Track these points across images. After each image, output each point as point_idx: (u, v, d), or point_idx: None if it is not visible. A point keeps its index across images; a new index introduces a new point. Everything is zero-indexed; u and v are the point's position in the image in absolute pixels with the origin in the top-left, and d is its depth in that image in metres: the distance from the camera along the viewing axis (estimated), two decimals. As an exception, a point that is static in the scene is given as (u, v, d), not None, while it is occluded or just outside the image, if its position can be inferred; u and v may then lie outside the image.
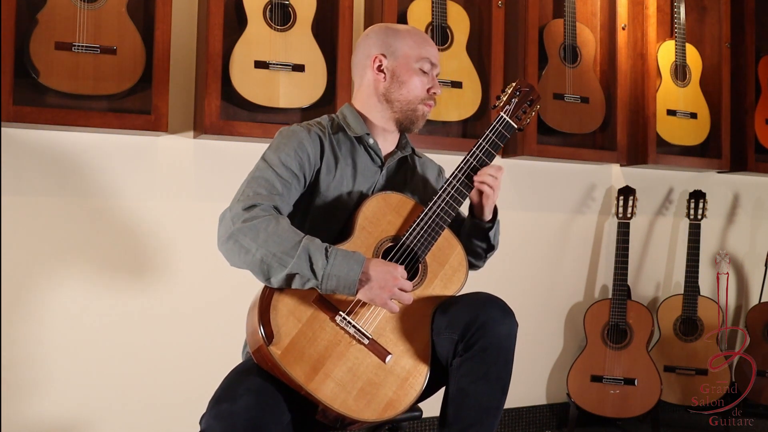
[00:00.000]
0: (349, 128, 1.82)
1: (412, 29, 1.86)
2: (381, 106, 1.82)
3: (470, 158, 1.77)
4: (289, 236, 1.55)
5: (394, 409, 1.59)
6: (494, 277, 3.13)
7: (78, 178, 2.50)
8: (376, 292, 1.57)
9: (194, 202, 2.66)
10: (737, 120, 3.54)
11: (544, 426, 3.29)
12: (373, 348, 1.60)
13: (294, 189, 1.70)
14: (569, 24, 3.17)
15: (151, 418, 2.58)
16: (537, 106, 1.87)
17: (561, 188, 3.34)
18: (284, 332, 1.54)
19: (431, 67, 1.81)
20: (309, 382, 1.52)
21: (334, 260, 1.54)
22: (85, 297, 2.50)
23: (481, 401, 1.59)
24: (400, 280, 1.59)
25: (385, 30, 1.84)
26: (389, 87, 1.80)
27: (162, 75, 2.44)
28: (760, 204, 3.83)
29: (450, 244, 1.76)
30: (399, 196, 1.76)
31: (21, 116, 2.31)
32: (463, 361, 1.60)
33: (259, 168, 1.69)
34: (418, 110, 1.81)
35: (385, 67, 1.80)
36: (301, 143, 1.72)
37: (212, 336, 2.65)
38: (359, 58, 1.86)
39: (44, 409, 2.45)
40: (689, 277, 3.36)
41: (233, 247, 1.56)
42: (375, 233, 1.69)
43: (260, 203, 1.61)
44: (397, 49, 1.80)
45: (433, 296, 1.70)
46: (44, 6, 2.33)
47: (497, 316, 1.60)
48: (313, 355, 1.54)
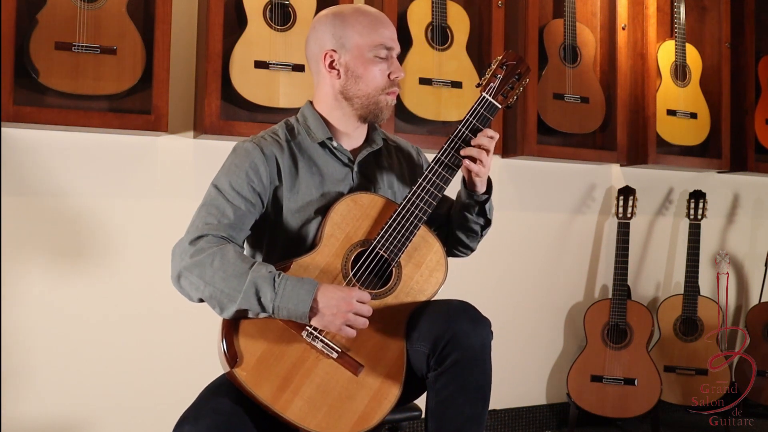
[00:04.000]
0: (310, 133, 1.71)
1: (360, 10, 1.68)
2: (340, 105, 1.69)
3: (447, 147, 1.65)
4: (234, 269, 1.49)
5: (367, 422, 1.51)
6: (494, 277, 3.14)
7: (78, 178, 2.50)
8: (330, 320, 1.49)
9: (194, 202, 2.62)
10: (737, 120, 3.54)
11: (544, 426, 3.29)
12: (343, 361, 1.53)
13: (248, 214, 1.62)
14: (569, 24, 3.17)
15: (149, 418, 2.58)
16: (526, 80, 1.71)
17: (561, 188, 3.34)
18: (249, 353, 1.49)
19: (388, 51, 1.67)
20: (276, 402, 1.47)
21: (283, 291, 1.48)
22: (85, 297, 2.50)
23: (462, 413, 1.52)
24: (355, 305, 1.50)
25: (332, 19, 1.67)
26: (345, 84, 1.66)
27: (162, 75, 2.44)
28: (760, 204, 3.83)
29: (427, 242, 1.65)
30: (369, 195, 1.66)
31: (21, 116, 2.31)
32: (437, 375, 1.52)
33: (210, 195, 1.63)
34: (381, 102, 1.68)
35: (337, 62, 1.66)
36: (254, 164, 1.63)
37: (208, 337, 2.64)
38: (311, 54, 1.72)
39: (44, 409, 2.45)
40: (689, 277, 3.36)
41: (184, 284, 1.53)
42: (344, 239, 1.60)
43: (207, 233, 1.55)
44: (347, 40, 1.65)
45: (406, 302, 1.61)
46: (44, 6, 2.33)
47: (467, 329, 1.51)
48: (280, 374, 1.49)
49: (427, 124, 2.94)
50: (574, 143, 3.28)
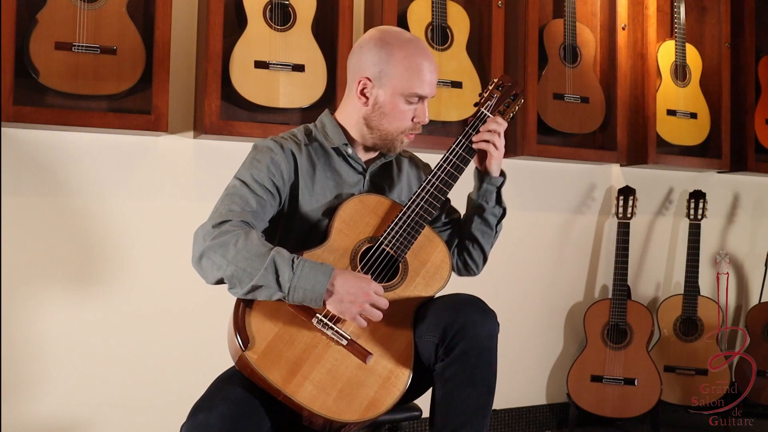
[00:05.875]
0: (327, 138, 1.77)
1: (410, 52, 1.69)
2: (359, 128, 1.76)
3: (450, 155, 1.73)
4: (257, 249, 1.52)
5: (377, 408, 1.55)
6: (494, 277, 3.13)
7: (78, 178, 2.50)
8: (346, 306, 1.53)
9: (194, 202, 2.66)
10: (737, 120, 3.54)
11: (544, 426, 3.29)
12: (353, 349, 1.57)
13: (269, 206, 1.67)
14: (569, 24, 3.17)
15: (150, 417, 2.58)
16: (520, 101, 1.82)
17: (561, 188, 3.34)
18: (261, 337, 1.52)
19: (420, 98, 1.72)
20: (287, 385, 1.50)
21: (300, 272, 1.51)
22: (85, 297, 2.50)
23: (468, 404, 1.56)
24: (373, 296, 1.55)
25: (380, 48, 1.70)
26: (371, 114, 1.72)
27: (162, 75, 2.44)
28: (760, 204, 3.83)
29: (431, 242, 1.73)
30: (376, 197, 1.74)
31: (21, 116, 2.31)
32: (445, 366, 1.56)
33: (233, 186, 1.67)
34: (397, 140, 1.75)
35: (369, 92, 1.71)
36: (274, 159, 1.69)
37: (211, 335, 2.64)
38: (351, 68, 1.77)
39: (44, 408, 2.45)
40: (689, 277, 3.36)
41: (206, 264, 1.56)
42: (352, 235, 1.67)
43: (231, 219, 1.58)
44: (386, 76, 1.69)
45: (414, 296, 1.67)
46: (44, 6, 2.33)
47: (476, 318, 1.56)
48: (290, 359, 1.52)
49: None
50: (574, 143, 3.28)
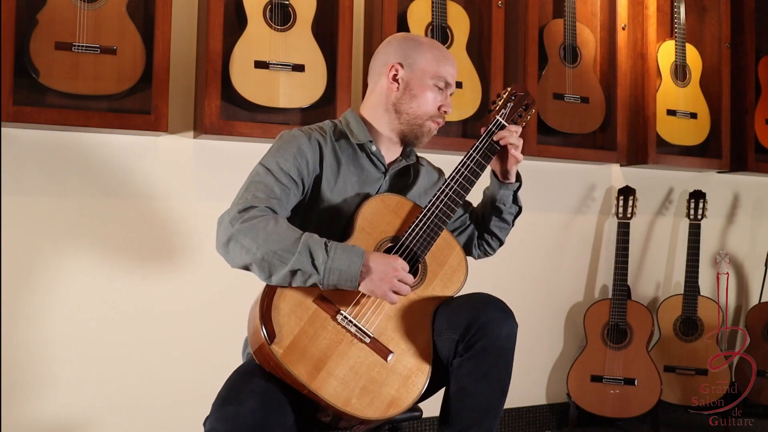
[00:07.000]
0: (352, 135, 1.81)
1: (434, 44, 1.84)
2: (388, 116, 1.81)
3: (467, 160, 1.78)
4: (288, 234, 1.56)
5: (397, 407, 1.59)
6: (494, 277, 3.13)
7: (78, 178, 2.50)
8: (377, 284, 1.57)
9: (194, 202, 2.66)
10: (737, 120, 3.54)
11: (544, 426, 3.29)
12: (375, 347, 1.61)
13: (292, 195, 1.70)
14: (569, 24, 3.17)
15: (154, 417, 2.58)
16: (532, 111, 1.90)
17: (561, 188, 3.34)
18: (286, 331, 1.54)
19: (446, 86, 1.81)
20: (312, 380, 1.52)
21: (334, 254, 1.55)
22: (85, 296, 2.50)
23: (481, 402, 1.60)
24: (401, 272, 1.59)
25: (408, 40, 1.83)
26: (401, 97, 1.79)
27: (162, 75, 2.44)
28: (760, 204, 3.83)
29: (449, 244, 1.77)
30: (397, 197, 1.77)
31: (21, 116, 2.31)
32: (463, 361, 1.60)
33: (258, 173, 1.69)
34: (425, 126, 1.81)
35: (400, 77, 1.79)
36: (301, 149, 1.72)
37: (213, 335, 2.65)
38: (377, 64, 1.85)
39: (45, 408, 2.45)
40: (689, 277, 3.36)
41: (234, 248, 1.56)
42: (374, 234, 1.70)
43: (258, 205, 1.60)
44: (416, 61, 1.79)
45: (433, 296, 1.71)
46: (44, 6, 2.33)
47: (498, 317, 1.61)
48: (315, 354, 1.55)
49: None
50: (574, 143, 3.28)
